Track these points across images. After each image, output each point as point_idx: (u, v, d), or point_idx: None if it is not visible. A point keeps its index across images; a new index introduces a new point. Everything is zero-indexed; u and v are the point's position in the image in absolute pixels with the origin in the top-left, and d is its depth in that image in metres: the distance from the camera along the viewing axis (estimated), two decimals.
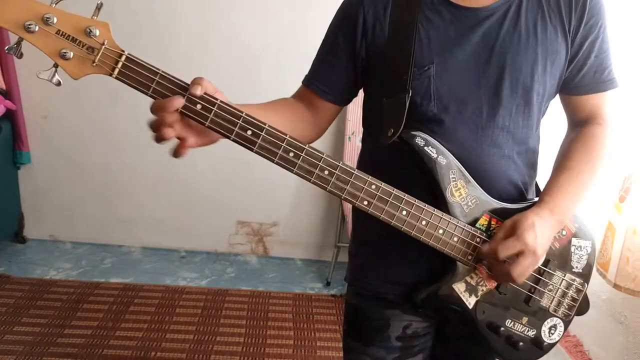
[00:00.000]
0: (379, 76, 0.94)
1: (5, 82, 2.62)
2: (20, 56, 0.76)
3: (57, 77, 0.78)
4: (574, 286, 1.02)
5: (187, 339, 2.22)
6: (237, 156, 2.87)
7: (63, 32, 0.75)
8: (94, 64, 0.77)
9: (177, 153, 0.83)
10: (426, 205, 0.90)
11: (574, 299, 1.03)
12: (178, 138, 0.81)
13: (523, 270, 0.88)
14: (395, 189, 0.88)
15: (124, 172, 2.88)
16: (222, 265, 2.92)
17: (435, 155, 0.90)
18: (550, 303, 1.01)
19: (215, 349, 2.18)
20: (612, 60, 0.99)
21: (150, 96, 0.79)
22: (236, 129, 0.81)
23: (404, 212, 0.89)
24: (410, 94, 0.90)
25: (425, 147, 0.90)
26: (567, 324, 1.03)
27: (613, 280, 1.69)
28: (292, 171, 0.83)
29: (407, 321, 1.03)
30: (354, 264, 1.10)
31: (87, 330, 2.23)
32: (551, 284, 1.00)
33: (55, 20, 0.75)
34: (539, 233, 0.87)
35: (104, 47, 0.76)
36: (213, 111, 0.80)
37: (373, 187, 0.87)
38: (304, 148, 0.83)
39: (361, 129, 1.10)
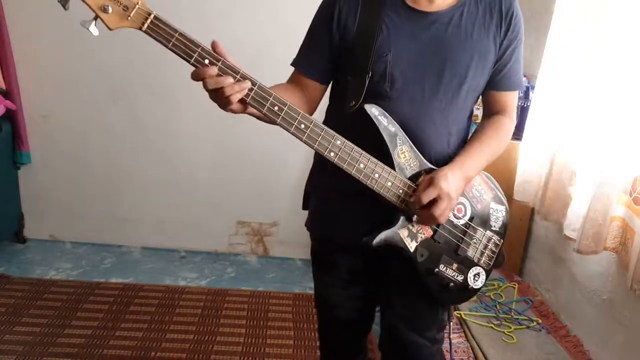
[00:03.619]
0: (347, 59, 1.17)
1: (5, 82, 2.62)
2: (67, 8, 0.94)
3: (94, 27, 0.96)
4: (492, 241, 1.28)
5: (187, 339, 2.22)
6: (237, 156, 2.89)
7: None
8: (129, 19, 0.95)
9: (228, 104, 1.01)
10: (378, 161, 1.12)
11: (492, 252, 1.28)
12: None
13: (442, 212, 1.12)
14: (355, 146, 1.10)
15: (124, 172, 2.88)
16: (222, 265, 2.92)
17: (386, 124, 1.13)
18: (475, 254, 1.26)
19: (215, 349, 2.18)
20: (521, 68, 1.27)
21: (170, 49, 0.97)
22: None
23: (362, 165, 1.11)
24: (370, 75, 1.13)
25: (379, 116, 1.12)
26: (488, 273, 1.29)
27: (629, 282, 1.67)
28: (275, 122, 1.05)
29: (353, 260, 1.30)
30: (312, 214, 1.36)
31: (87, 330, 2.23)
32: (475, 238, 1.25)
33: None
34: (451, 181, 1.11)
35: (137, 6, 0.95)
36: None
37: (338, 142, 1.09)
38: (286, 104, 1.04)
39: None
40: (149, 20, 0.96)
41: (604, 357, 1.97)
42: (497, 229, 1.28)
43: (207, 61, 0.98)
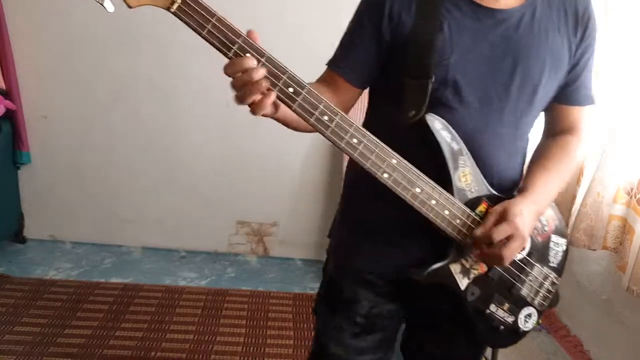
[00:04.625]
0: (401, 59, 0.99)
1: (5, 82, 2.62)
2: None
3: (109, 2, 0.79)
4: (550, 279, 1.12)
5: (187, 339, 2.22)
6: (237, 156, 2.89)
7: None
8: None
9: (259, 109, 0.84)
10: (436, 185, 0.96)
11: (549, 291, 1.12)
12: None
13: (513, 253, 0.96)
14: (413, 167, 0.94)
15: (124, 172, 2.88)
16: (222, 265, 2.92)
17: (449, 140, 0.96)
18: (529, 293, 1.10)
19: (215, 349, 2.18)
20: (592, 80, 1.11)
21: (204, 37, 0.81)
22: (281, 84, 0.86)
23: (418, 190, 0.95)
24: (433, 80, 0.95)
25: (442, 131, 0.96)
26: (540, 314, 1.13)
27: (627, 283, 1.68)
28: (324, 134, 0.89)
29: (375, 302, 1.11)
30: (339, 236, 1.18)
31: (87, 330, 2.23)
32: (532, 275, 1.09)
33: None
34: (526, 219, 0.96)
35: None
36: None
37: (394, 161, 0.92)
38: (338, 113, 0.88)
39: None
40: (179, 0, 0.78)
41: (604, 357, 1.97)
42: (555, 266, 1.12)
43: (249, 55, 0.82)
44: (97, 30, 2.59)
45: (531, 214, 0.98)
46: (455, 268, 1.01)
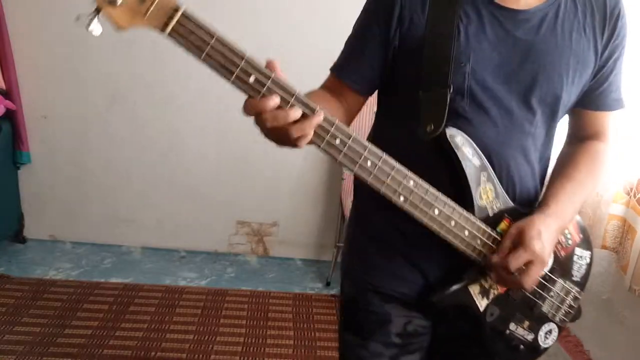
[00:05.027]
0: (414, 68, 0.91)
1: (5, 82, 2.62)
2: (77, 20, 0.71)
3: (97, 25, 0.69)
4: (572, 294, 1.04)
5: (187, 339, 2.22)
6: (237, 156, 2.89)
7: None
8: (146, 15, 0.68)
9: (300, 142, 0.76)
10: (457, 204, 0.89)
11: (571, 307, 1.05)
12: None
13: (532, 279, 0.89)
14: (430, 187, 0.87)
15: (124, 172, 2.88)
16: (222, 265, 2.92)
17: (470, 156, 0.89)
18: (550, 309, 1.02)
19: (215, 349, 2.18)
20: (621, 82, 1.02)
21: (203, 61, 0.72)
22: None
23: (436, 211, 0.87)
24: (451, 89, 0.88)
25: (463, 147, 0.89)
26: (560, 329, 1.06)
27: (629, 283, 1.67)
28: (336, 160, 0.81)
29: (408, 317, 1.02)
30: (356, 255, 1.07)
31: (87, 330, 2.23)
32: (553, 291, 1.02)
33: None
34: (545, 240, 0.88)
35: None
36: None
37: (411, 183, 0.85)
38: (351, 135, 0.79)
39: (360, 128, 1.10)
40: (175, 18, 0.69)
41: (604, 357, 1.97)
42: (579, 280, 1.05)
43: (252, 78, 0.71)
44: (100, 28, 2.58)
45: (551, 232, 0.91)
46: (474, 289, 0.94)
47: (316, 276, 2.87)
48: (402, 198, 0.85)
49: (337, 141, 0.78)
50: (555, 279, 1.01)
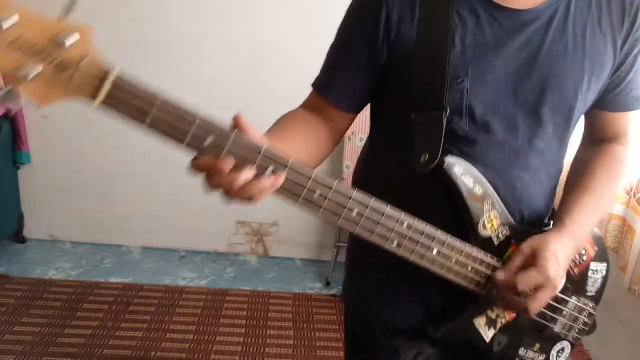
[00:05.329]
0: (405, 86, 0.81)
1: (5, 82, 2.62)
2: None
3: (18, 99, 0.56)
4: (586, 311, 0.96)
5: (187, 339, 2.22)
6: None
7: (22, 40, 0.54)
8: (69, 86, 0.57)
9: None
10: (457, 240, 0.80)
11: (585, 323, 0.97)
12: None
13: (543, 304, 0.81)
14: (427, 225, 0.77)
15: (124, 172, 2.88)
16: (222, 265, 2.92)
17: (472, 186, 0.80)
18: (562, 329, 0.95)
19: (215, 349, 2.18)
20: None
21: (148, 130, 0.62)
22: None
23: (435, 252, 0.78)
24: (447, 112, 0.77)
25: (463, 176, 0.79)
26: (573, 346, 0.99)
27: (628, 283, 1.67)
28: (316, 215, 0.71)
29: (418, 349, 0.95)
30: (356, 285, 1.00)
31: (87, 330, 2.23)
32: (566, 310, 0.94)
33: (10, 23, 0.54)
34: (561, 263, 0.80)
35: (83, 62, 0.56)
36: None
37: (405, 225, 0.75)
38: (332, 187, 0.69)
39: (362, 128, 1.05)
40: (107, 85, 0.59)
41: (604, 357, 1.97)
42: (594, 294, 0.96)
43: (210, 140, 0.63)
44: (97, 30, 2.58)
45: (568, 252, 0.82)
46: (479, 322, 0.86)
47: (316, 276, 2.87)
48: (394, 244, 0.76)
49: (316, 195, 0.69)
50: (568, 299, 0.93)
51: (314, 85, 0.89)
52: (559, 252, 0.79)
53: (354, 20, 0.84)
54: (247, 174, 0.64)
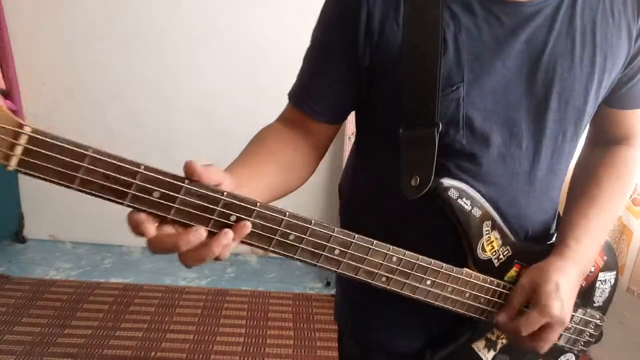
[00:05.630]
0: (391, 96, 0.72)
1: (5, 82, 2.62)
2: None
3: None
4: (593, 322, 0.90)
5: (187, 339, 2.22)
6: (237, 156, 2.88)
7: None
8: None
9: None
10: (453, 268, 0.73)
11: (591, 335, 0.91)
12: None
13: (549, 343, 0.74)
14: (419, 257, 0.69)
15: None
16: (222, 265, 2.92)
17: (469, 208, 0.72)
18: (567, 342, 0.89)
19: (215, 349, 2.18)
20: None
21: (78, 189, 0.53)
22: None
23: (428, 282, 0.71)
24: (440, 128, 0.68)
25: (459, 200, 0.71)
26: (578, 357, 0.95)
27: (627, 284, 1.68)
28: (292, 257, 0.63)
29: None
30: (348, 303, 0.92)
31: (87, 330, 2.23)
32: (570, 324, 0.87)
33: None
34: (564, 294, 0.72)
35: None
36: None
37: (394, 259, 0.68)
38: (309, 227, 0.62)
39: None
40: (19, 146, 0.49)
41: (604, 357, 1.98)
42: (601, 304, 0.90)
43: (157, 194, 0.53)
44: (97, 30, 2.59)
45: (572, 282, 0.74)
46: (478, 345, 0.81)
47: (316, 276, 2.87)
48: (383, 279, 0.68)
49: (292, 237, 0.61)
50: (574, 313, 0.84)
51: (289, 96, 0.80)
52: (562, 283, 0.72)
53: (330, 22, 0.74)
54: (197, 234, 0.56)
